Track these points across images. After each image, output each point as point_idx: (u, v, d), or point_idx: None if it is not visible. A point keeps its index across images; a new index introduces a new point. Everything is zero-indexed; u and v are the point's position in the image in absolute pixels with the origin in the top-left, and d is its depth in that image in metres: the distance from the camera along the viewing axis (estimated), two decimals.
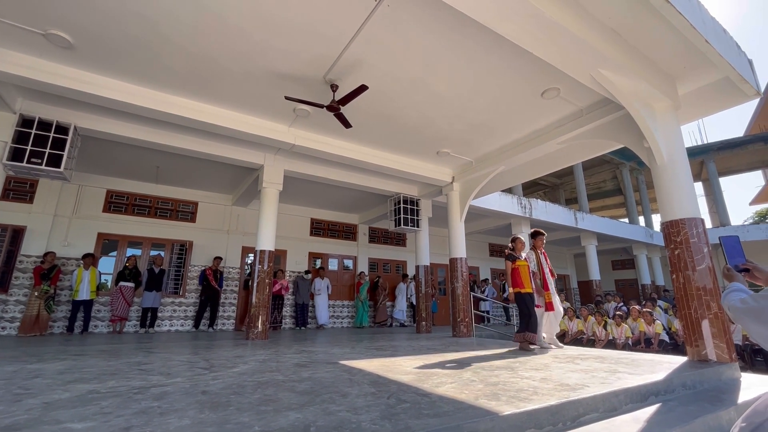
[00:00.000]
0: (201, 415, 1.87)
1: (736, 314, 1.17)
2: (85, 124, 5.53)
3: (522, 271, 5.10)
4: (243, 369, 3.26)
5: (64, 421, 1.74)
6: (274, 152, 6.91)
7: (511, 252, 5.28)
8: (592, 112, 5.38)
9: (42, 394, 2.27)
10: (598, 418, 2.30)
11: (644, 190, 17.81)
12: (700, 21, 3.63)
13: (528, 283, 5.07)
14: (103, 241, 8.26)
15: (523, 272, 5.09)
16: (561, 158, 6.76)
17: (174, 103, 5.20)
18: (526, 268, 5.12)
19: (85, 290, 7.24)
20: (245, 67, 4.63)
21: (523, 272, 5.09)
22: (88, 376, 2.85)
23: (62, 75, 4.58)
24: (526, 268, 5.13)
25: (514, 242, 5.31)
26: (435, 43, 4.16)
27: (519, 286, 5.06)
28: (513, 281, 5.12)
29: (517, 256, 5.22)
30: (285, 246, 10.06)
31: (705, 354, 3.78)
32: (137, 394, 2.30)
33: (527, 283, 5.07)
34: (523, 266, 5.12)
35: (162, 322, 8.36)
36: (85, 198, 8.13)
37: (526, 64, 4.43)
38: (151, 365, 3.44)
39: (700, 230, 4.08)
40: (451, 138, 6.51)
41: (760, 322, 1.10)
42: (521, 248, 5.26)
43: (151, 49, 4.29)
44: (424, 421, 1.80)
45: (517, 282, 5.08)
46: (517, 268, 5.11)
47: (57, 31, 3.99)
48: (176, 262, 8.94)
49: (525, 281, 5.07)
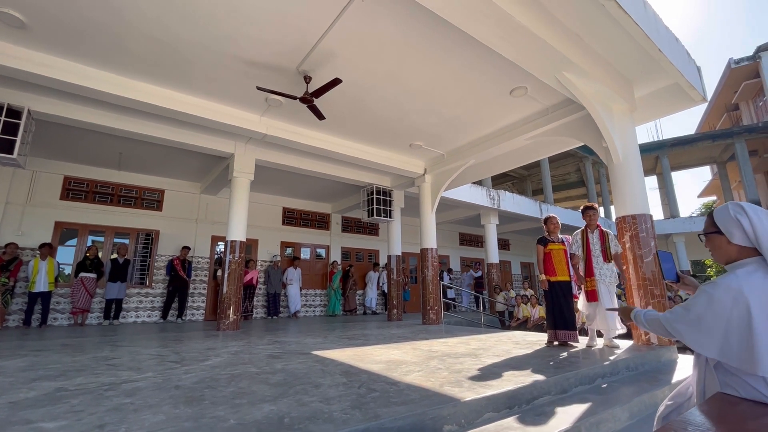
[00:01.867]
0: (176, 410, 1.92)
1: (670, 324, 1.28)
2: (40, 107, 5.21)
3: (555, 255, 4.44)
4: (215, 362, 3.30)
5: (35, 421, 1.75)
6: (245, 141, 6.79)
7: (543, 236, 4.66)
8: (557, 111, 5.63)
9: (6, 394, 2.23)
10: (551, 401, 2.53)
11: (605, 183, 18.75)
12: (655, 30, 3.88)
13: (562, 270, 4.40)
14: (62, 230, 7.87)
15: (557, 257, 4.42)
16: (529, 153, 7.03)
17: (139, 89, 4.99)
18: (561, 252, 4.44)
19: (42, 281, 6.90)
20: (216, 55, 4.50)
21: (556, 257, 4.43)
22: (53, 373, 2.80)
23: (13, 56, 4.29)
24: (562, 252, 4.44)
25: (546, 223, 4.65)
26: (409, 38, 4.21)
27: (548, 273, 4.43)
28: (544, 267, 4.48)
29: (549, 239, 4.54)
30: (256, 235, 9.94)
31: (648, 338, 4.17)
32: (108, 390, 2.31)
33: (561, 270, 4.40)
34: (557, 250, 4.46)
35: (127, 313, 8.13)
36: (40, 185, 7.68)
37: (496, 63, 4.57)
38: (119, 360, 3.40)
39: (648, 225, 4.42)
40: (424, 131, 6.62)
41: (697, 330, 1.20)
42: (554, 229, 4.57)
43: (113, 33, 4.09)
44: (392, 409, 1.93)
45: (547, 268, 4.45)
46: (549, 253, 4.48)
47: (7, 9, 3.73)
48: (142, 251, 8.64)
49: (558, 267, 4.40)
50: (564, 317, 4.32)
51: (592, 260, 4.25)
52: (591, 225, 4.38)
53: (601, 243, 4.30)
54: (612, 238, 4.30)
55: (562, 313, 4.33)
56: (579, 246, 4.42)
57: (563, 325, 4.33)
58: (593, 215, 4.41)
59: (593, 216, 4.40)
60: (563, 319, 4.33)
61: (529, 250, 17.59)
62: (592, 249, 4.30)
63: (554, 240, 4.54)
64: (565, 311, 4.32)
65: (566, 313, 4.32)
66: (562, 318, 4.33)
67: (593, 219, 4.39)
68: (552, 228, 4.59)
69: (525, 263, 17.38)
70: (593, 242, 4.33)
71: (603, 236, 4.31)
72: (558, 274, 4.41)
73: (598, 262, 4.23)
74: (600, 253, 4.26)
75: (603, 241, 4.30)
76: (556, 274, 4.41)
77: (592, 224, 4.38)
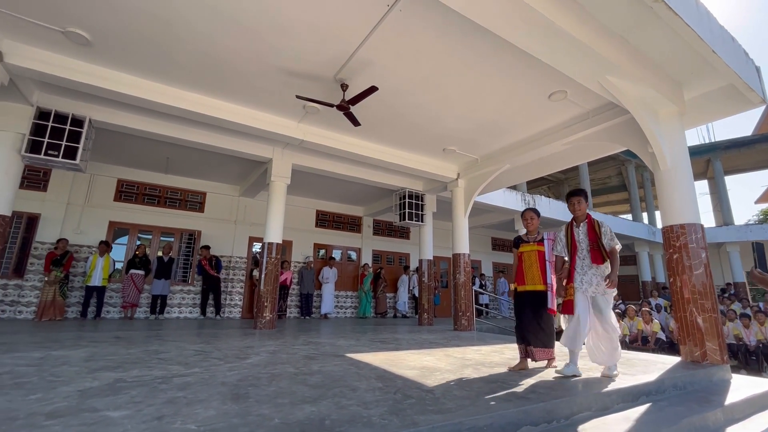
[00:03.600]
0: (224, 406, 2.04)
1: None
2: (99, 117, 5.65)
3: (526, 259, 3.60)
4: (255, 360, 3.44)
5: (101, 409, 1.92)
6: (283, 147, 7.02)
7: (519, 235, 3.85)
8: (599, 115, 5.43)
9: (74, 382, 2.45)
10: (591, 417, 2.45)
11: (649, 187, 17.79)
12: (708, 31, 3.67)
13: (533, 277, 3.49)
14: (114, 229, 8.46)
15: (527, 261, 3.58)
16: (566, 158, 6.82)
17: (186, 98, 5.30)
18: (533, 255, 3.55)
19: (98, 277, 7.46)
20: (257, 66, 4.71)
21: (527, 261, 3.58)
22: (112, 365, 3.03)
23: (79, 70, 4.69)
24: (534, 255, 3.54)
25: (523, 219, 3.78)
26: (445, 46, 4.22)
27: (517, 280, 3.61)
28: (515, 274, 3.71)
29: (524, 238, 3.71)
30: (291, 237, 10.23)
31: (698, 355, 3.93)
32: (162, 383, 2.48)
33: (531, 277, 3.51)
34: (529, 252, 3.59)
35: (171, 309, 8.60)
36: (97, 187, 8.30)
37: (534, 67, 4.48)
38: (168, 354, 3.63)
39: (699, 236, 4.18)
40: (458, 136, 6.59)
41: None
42: (529, 226, 3.70)
43: (165, 47, 4.37)
44: (429, 416, 1.95)
45: (516, 275, 3.64)
46: (521, 256, 3.66)
47: (76, 29, 4.09)
48: (185, 250, 9.15)
49: (528, 274, 3.53)
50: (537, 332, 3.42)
51: (576, 262, 3.32)
52: (577, 217, 3.44)
53: (591, 240, 3.30)
54: (606, 232, 3.30)
55: (534, 328, 3.43)
56: (564, 245, 3.47)
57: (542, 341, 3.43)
58: (578, 204, 3.41)
59: (579, 205, 3.41)
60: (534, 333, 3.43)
61: None
62: (577, 248, 3.35)
63: (528, 240, 3.68)
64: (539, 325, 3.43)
65: (543, 324, 3.43)
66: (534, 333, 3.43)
67: (579, 209, 3.40)
68: (528, 224, 3.70)
69: None
70: (579, 239, 3.37)
71: (593, 230, 3.31)
72: (527, 283, 3.50)
73: (584, 265, 3.28)
74: (588, 254, 3.28)
75: (593, 236, 3.29)
76: (524, 282, 3.53)
77: (577, 216, 3.43)
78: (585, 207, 3.43)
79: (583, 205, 3.42)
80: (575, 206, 3.42)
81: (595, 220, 3.36)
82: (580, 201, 3.42)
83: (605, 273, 3.23)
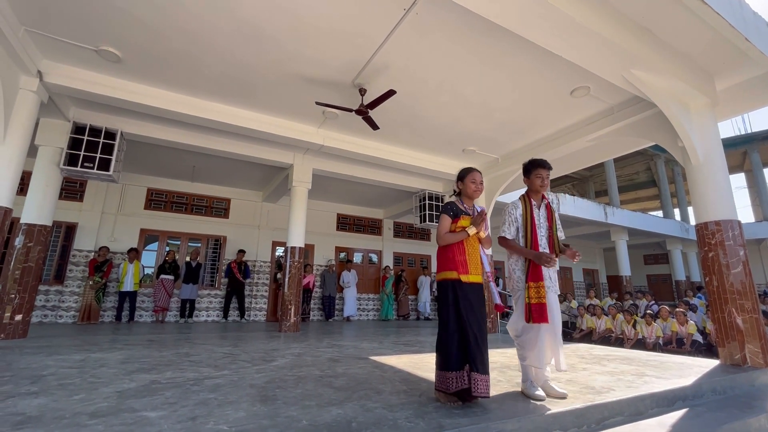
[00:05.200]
0: (253, 407, 2.09)
1: None
2: (130, 129, 5.91)
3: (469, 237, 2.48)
4: (281, 363, 3.51)
5: (139, 410, 2.01)
6: (303, 152, 7.14)
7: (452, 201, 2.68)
8: (624, 110, 5.27)
9: (112, 383, 2.57)
10: (623, 422, 2.38)
11: (680, 182, 17.08)
12: (741, 19, 3.52)
13: (477, 265, 2.46)
14: (145, 236, 8.81)
15: (471, 240, 2.49)
16: (591, 155, 6.65)
17: (211, 109, 5.49)
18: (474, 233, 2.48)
19: (129, 282, 7.79)
20: (277, 74, 4.82)
21: (470, 240, 2.49)
22: (147, 366, 3.16)
23: (111, 86, 4.93)
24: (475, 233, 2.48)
25: (461, 180, 2.67)
26: (462, 47, 4.20)
27: (459, 267, 2.41)
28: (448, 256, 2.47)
29: (461, 208, 2.58)
30: (313, 241, 10.36)
31: (738, 358, 3.74)
32: (194, 385, 2.57)
33: (475, 264, 2.45)
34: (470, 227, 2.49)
35: (199, 312, 8.87)
36: (129, 196, 8.67)
37: (554, 64, 4.40)
38: (198, 356, 3.75)
39: (737, 233, 3.98)
40: (477, 136, 6.53)
41: None
42: (473, 191, 2.62)
43: (191, 60, 4.54)
44: (455, 420, 1.95)
45: (456, 259, 2.44)
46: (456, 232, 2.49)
47: (108, 47, 4.31)
48: (212, 256, 9.42)
49: (472, 259, 2.45)
50: (480, 349, 2.28)
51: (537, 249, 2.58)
52: (537, 194, 2.75)
53: (549, 224, 2.71)
54: (557, 218, 2.78)
55: (482, 343, 2.31)
56: (517, 225, 2.70)
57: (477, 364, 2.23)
58: (540, 175, 2.71)
59: (547, 179, 2.74)
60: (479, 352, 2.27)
61: (592, 257, 16.51)
62: (537, 233, 2.63)
63: (468, 211, 2.59)
64: (480, 339, 2.30)
65: (481, 342, 2.31)
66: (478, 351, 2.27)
67: (546, 184, 2.73)
68: (469, 189, 2.61)
69: (587, 270, 16.34)
70: (539, 222, 2.68)
71: (550, 213, 2.74)
72: (471, 271, 2.42)
73: None
74: (547, 242, 2.67)
75: (550, 221, 2.72)
76: (468, 269, 2.42)
77: (540, 193, 2.75)
78: (548, 182, 2.79)
79: (548, 181, 2.77)
80: (544, 181, 2.72)
81: (551, 201, 2.78)
82: (548, 175, 2.76)
83: (557, 268, 2.78)
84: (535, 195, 2.77)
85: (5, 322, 4.80)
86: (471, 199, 2.66)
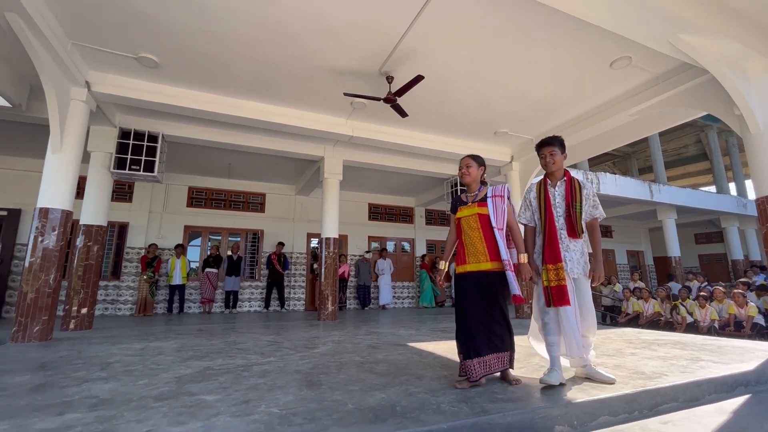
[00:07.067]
0: (301, 392, 2.18)
1: None
2: (170, 131, 6.20)
3: (465, 226, 2.50)
4: (323, 350, 3.63)
5: (197, 394, 2.15)
6: (333, 144, 7.21)
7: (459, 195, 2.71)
8: (671, 79, 4.89)
9: (171, 370, 2.76)
10: (678, 408, 2.27)
11: (736, 154, 15.74)
12: None
13: (476, 252, 2.42)
14: (189, 233, 9.30)
15: (468, 229, 2.48)
16: (634, 129, 6.26)
17: (244, 107, 5.65)
18: (474, 220, 2.46)
19: (177, 276, 8.29)
20: (304, 69, 4.87)
21: (467, 229, 2.49)
22: (200, 354, 3.37)
23: (151, 91, 5.18)
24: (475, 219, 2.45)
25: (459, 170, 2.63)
26: (491, 26, 4.04)
27: (457, 259, 2.55)
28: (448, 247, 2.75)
29: (462, 200, 2.61)
30: (346, 231, 10.51)
31: None
32: (243, 371, 2.71)
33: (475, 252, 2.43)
34: (468, 217, 2.48)
35: (242, 303, 9.30)
36: (172, 195, 9.16)
37: (592, 36, 4.14)
38: (245, 345, 3.94)
39: None
40: (510, 117, 6.31)
41: None
42: (466, 177, 2.56)
43: (223, 61, 4.68)
44: (499, 405, 1.94)
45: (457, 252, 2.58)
46: (459, 223, 2.56)
47: (146, 54, 4.51)
48: (250, 249, 9.81)
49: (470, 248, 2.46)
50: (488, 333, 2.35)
51: (557, 234, 2.45)
52: (552, 173, 2.60)
53: (567, 204, 2.48)
54: (588, 196, 2.52)
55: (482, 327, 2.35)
56: (535, 210, 2.61)
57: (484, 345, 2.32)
58: (552, 156, 2.56)
59: (553, 157, 2.56)
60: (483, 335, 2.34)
61: (636, 237, 15.70)
62: (554, 214, 2.50)
63: (467, 200, 2.55)
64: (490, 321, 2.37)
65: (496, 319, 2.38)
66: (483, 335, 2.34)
67: (553, 161, 2.55)
68: (470, 176, 2.55)
69: (632, 251, 15.56)
70: (555, 203, 2.53)
71: (571, 191, 2.50)
72: (468, 261, 2.43)
73: (563, 237, 2.47)
74: (564, 222, 2.48)
75: (570, 200, 2.48)
76: (465, 260, 2.45)
77: (552, 171, 2.59)
78: (561, 160, 2.58)
79: (559, 157, 2.56)
80: (547, 159, 2.57)
81: (576, 179, 2.55)
82: (554, 152, 2.56)
83: (583, 249, 2.49)
84: (550, 175, 2.63)
85: (73, 315, 5.27)
86: (467, 185, 2.62)
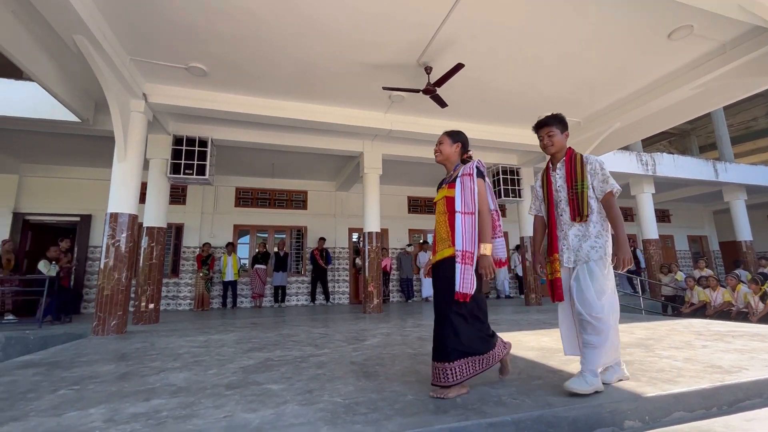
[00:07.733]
0: (359, 382, 2.25)
1: None
2: (217, 135, 6.53)
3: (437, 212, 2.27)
4: (374, 342, 3.70)
5: (262, 383, 2.27)
6: (372, 138, 7.25)
7: None
8: (740, 46, 4.44)
9: (235, 360, 2.93)
10: (762, 404, 2.10)
11: None
12: None
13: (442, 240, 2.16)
14: (238, 231, 9.78)
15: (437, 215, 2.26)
16: (694, 105, 5.75)
17: (286, 107, 5.82)
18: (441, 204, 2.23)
19: (230, 273, 8.76)
20: (343, 65, 4.92)
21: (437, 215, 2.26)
22: (258, 346, 3.55)
23: (200, 98, 5.47)
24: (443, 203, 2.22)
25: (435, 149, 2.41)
26: (533, 6, 3.87)
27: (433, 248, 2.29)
28: None
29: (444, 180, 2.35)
30: (386, 225, 10.55)
31: None
32: (302, 362, 2.83)
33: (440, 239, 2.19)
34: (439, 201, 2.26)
35: (290, 297, 9.66)
36: (221, 196, 9.65)
37: (646, 5, 3.85)
38: (298, 337, 4.10)
39: None
40: (555, 100, 6.02)
41: None
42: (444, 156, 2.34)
43: (264, 64, 4.83)
44: (562, 398, 1.89)
45: None
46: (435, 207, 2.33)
47: (195, 63, 4.76)
48: (295, 245, 10.15)
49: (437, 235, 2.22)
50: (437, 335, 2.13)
51: (555, 222, 2.26)
52: (553, 155, 2.33)
53: (569, 185, 2.21)
54: (595, 170, 2.18)
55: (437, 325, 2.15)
56: (541, 200, 2.41)
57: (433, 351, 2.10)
58: (550, 137, 2.28)
59: (551, 138, 2.28)
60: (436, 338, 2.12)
61: (699, 221, 14.52)
62: (554, 198, 2.29)
63: (446, 180, 2.30)
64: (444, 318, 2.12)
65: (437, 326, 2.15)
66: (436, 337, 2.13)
67: (551, 143, 2.28)
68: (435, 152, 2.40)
69: (693, 236, 14.41)
70: (557, 187, 2.28)
71: (572, 170, 2.21)
72: (437, 249, 2.19)
73: (563, 223, 2.23)
74: (567, 205, 2.21)
75: (571, 180, 2.21)
76: (435, 248, 2.23)
77: (553, 153, 2.32)
78: (562, 139, 2.30)
79: (558, 137, 2.28)
80: (545, 141, 2.31)
81: (577, 155, 2.24)
82: (552, 133, 2.28)
83: (591, 231, 2.14)
84: (552, 158, 2.37)
85: (142, 310, 5.73)
86: (443, 165, 2.37)
